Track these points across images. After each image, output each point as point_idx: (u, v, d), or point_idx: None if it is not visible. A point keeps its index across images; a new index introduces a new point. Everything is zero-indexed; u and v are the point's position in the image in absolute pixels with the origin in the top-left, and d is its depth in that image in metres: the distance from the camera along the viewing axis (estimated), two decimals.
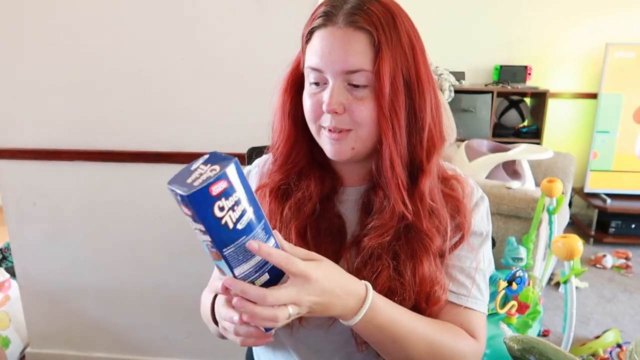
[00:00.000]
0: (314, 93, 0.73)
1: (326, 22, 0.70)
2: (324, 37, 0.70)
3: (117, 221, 1.87)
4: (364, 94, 0.70)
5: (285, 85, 0.80)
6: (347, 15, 0.69)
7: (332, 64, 0.70)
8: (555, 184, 2.14)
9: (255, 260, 0.59)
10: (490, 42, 3.69)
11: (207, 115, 1.72)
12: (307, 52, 0.74)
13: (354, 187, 0.82)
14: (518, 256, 1.99)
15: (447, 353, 0.72)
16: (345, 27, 0.69)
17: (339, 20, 0.69)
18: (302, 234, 0.78)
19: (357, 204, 0.80)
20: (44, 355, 2.05)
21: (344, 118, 0.71)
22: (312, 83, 0.73)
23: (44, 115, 1.76)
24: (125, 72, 1.70)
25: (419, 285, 0.73)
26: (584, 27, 3.59)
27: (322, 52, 0.70)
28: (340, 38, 0.69)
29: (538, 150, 2.76)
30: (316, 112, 0.74)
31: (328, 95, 0.71)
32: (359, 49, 0.69)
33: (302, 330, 0.81)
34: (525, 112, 3.70)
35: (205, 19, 1.63)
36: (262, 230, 0.59)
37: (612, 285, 2.88)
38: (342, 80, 0.70)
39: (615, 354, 2.16)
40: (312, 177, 0.80)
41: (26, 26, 1.68)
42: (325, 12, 0.71)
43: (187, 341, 1.96)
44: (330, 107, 0.70)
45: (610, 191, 3.53)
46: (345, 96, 0.71)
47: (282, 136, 0.81)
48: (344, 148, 0.73)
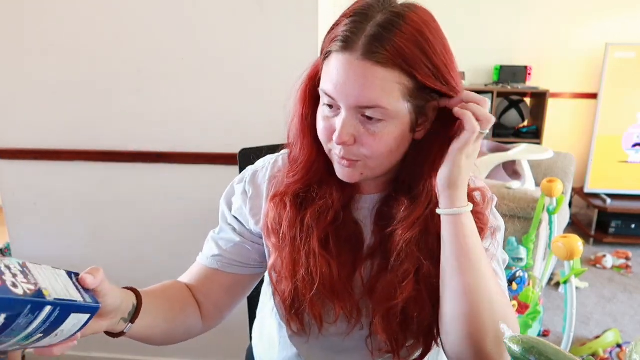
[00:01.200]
0: (327, 117, 0.71)
1: (344, 49, 0.65)
2: (340, 66, 0.65)
3: (117, 221, 1.87)
4: (376, 129, 0.67)
5: (302, 97, 0.77)
6: (367, 45, 0.63)
7: (345, 96, 0.66)
8: (555, 184, 2.14)
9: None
10: (490, 42, 3.69)
11: (207, 115, 1.72)
12: (323, 71, 0.70)
13: (369, 194, 0.80)
14: (518, 256, 1.99)
15: (506, 303, 0.72)
16: (363, 59, 0.63)
17: (357, 49, 0.63)
18: (324, 243, 0.76)
19: (371, 212, 0.79)
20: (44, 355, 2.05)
21: (353, 149, 0.69)
22: (325, 104, 0.71)
23: (44, 115, 1.76)
24: (125, 72, 1.70)
25: None
26: (584, 27, 3.59)
27: (337, 81, 0.66)
28: (357, 70, 0.64)
29: (538, 150, 2.76)
30: (327, 137, 0.71)
31: (339, 127, 0.67)
32: (376, 85, 0.64)
33: (321, 337, 0.81)
34: (525, 112, 3.70)
35: (205, 19, 1.63)
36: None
37: (612, 285, 2.88)
38: (356, 112, 0.67)
39: (615, 354, 2.16)
40: (334, 185, 0.77)
41: (26, 26, 1.68)
42: (344, 38, 0.65)
43: (187, 341, 1.96)
44: (341, 140, 0.68)
45: (610, 191, 3.53)
46: (357, 128, 0.67)
47: (302, 152, 0.78)
48: (353, 173, 0.72)
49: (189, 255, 2.07)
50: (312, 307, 0.77)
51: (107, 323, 0.69)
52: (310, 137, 0.76)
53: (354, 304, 0.77)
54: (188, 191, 1.78)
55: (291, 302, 0.78)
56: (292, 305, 0.79)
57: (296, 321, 0.80)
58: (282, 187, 0.80)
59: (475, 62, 3.71)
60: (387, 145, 0.68)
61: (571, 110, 3.79)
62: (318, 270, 0.74)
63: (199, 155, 1.75)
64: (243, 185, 0.86)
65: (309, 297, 0.76)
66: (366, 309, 0.79)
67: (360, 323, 0.79)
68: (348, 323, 0.79)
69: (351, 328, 0.79)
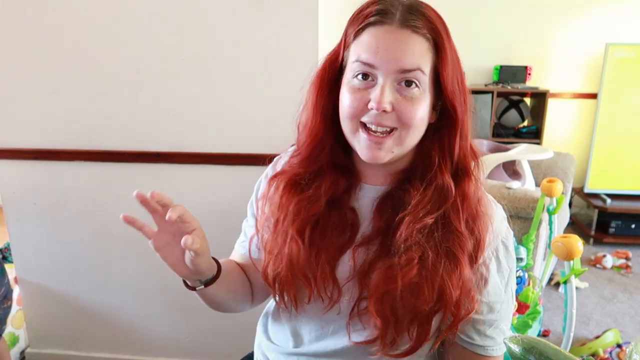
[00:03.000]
0: (359, 88, 0.72)
1: (383, 20, 0.70)
2: (381, 35, 0.70)
3: (117, 221, 1.86)
4: (413, 95, 0.71)
5: (318, 82, 0.79)
6: (405, 16, 0.70)
7: (387, 61, 0.69)
8: (555, 184, 2.14)
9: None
10: (490, 42, 3.69)
11: (207, 115, 1.72)
12: (354, 47, 0.73)
13: (374, 185, 0.82)
14: (518, 256, 1.99)
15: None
16: (403, 27, 0.69)
17: (396, 20, 0.70)
18: (301, 233, 0.79)
19: (373, 202, 0.80)
20: (44, 355, 2.05)
21: (389, 116, 0.71)
22: (357, 75, 0.72)
23: (44, 115, 1.76)
24: (125, 72, 1.70)
25: (459, 287, 0.73)
26: (584, 27, 3.59)
27: (378, 48, 0.70)
28: (398, 37, 0.69)
29: (538, 150, 2.76)
30: (358, 109, 0.72)
31: (378, 93, 0.70)
32: (416, 50, 0.69)
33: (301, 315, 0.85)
34: (525, 112, 3.70)
35: (205, 19, 1.63)
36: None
37: (612, 285, 2.88)
38: (393, 80, 0.70)
39: (615, 354, 2.16)
40: (327, 178, 0.80)
41: (26, 26, 1.68)
42: (381, 10, 0.71)
43: (187, 341, 1.96)
44: (381, 105, 0.70)
45: (610, 191, 3.53)
46: (395, 95, 0.71)
47: (310, 131, 0.81)
48: (383, 153, 0.73)
49: None
50: (288, 286, 0.81)
51: (188, 274, 0.78)
52: (320, 117, 0.79)
53: (333, 286, 0.79)
54: (188, 191, 1.78)
55: (273, 278, 0.82)
56: (274, 280, 0.82)
57: (277, 296, 0.84)
58: (284, 168, 0.85)
59: (475, 62, 3.71)
60: (422, 112, 0.72)
61: (571, 110, 3.79)
62: (287, 252, 0.78)
63: (199, 155, 1.75)
64: (267, 169, 0.93)
65: (282, 276, 0.80)
66: (351, 293, 0.79)
67: (338, 306, 0.80)
68: (323, 304, 0.80)
69: (326, 310, 0.80)
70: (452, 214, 0.74)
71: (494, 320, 0.78)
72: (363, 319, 0.78)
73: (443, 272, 0.72)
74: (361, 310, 0.77)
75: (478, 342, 0.79)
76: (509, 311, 0.81)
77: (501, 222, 0.81)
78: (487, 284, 0.77)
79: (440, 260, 0.72)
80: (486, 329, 0.78)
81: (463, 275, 0.73)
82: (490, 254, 0.77)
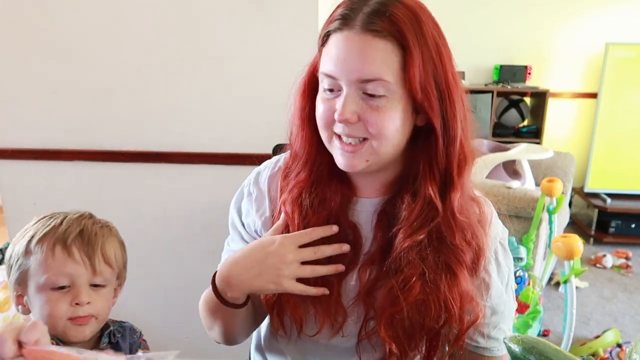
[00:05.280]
0: (327, 99, 0.69)
1: (343, 26, 0.66)
2: (340, 42, 0.66)
3: (117, 221, 1.85)
4: (379, 104, 0.66)
5: (302, 89, 0.76)
6: (365, 19, 0.64)
7: (347, 72, 0.65)
8: (555, 183, 2.14)
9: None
10: (490, 42, 3.69)
11: (207, 115, 1.72)
12: (322, 56, 0.70)
13: (369, 198, 0.78)
14: (518, 256, 1.99)
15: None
16: (363, 33, 0.64)
17: (356, 25, 0.64)
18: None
19: (372, 217, 0.77)
20: None
21: (358, 127, 0.67)
22: (326, 89, 0.69)
23: (44, 115, 1.76)
24: (125, 72, 1.70)
25: (460, 300, 0.71)
26: (584, 27, 3.59)
27: (337, 58, 0.66)
28: (357, 44, 0.64)
29: (538, 150, 2.76)
30: (328, 119, 0.70)
31: (341, 104, 0.66)
32: (377, 57, 0.64)
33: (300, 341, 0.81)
34: (525, 111, 3.70)
35: (205, 19, 1.63)
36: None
37: (612, 285, 2.88)
38: (357, 89, 0.66)
39: (615, 353, 2.16)
40: (327, 189, 0.76)
41: (26, 26, 1.67)
42: (343, 15, 0.66)
43: (187, 342, 1.96)
44: (342, 117, 0.66)
45: (610, 191, 3.53)
46: (360, 105, 0.66)
47: (303, 144, 0.77)
48: (357, 161, 0.69)
49: (189, 256, 2.08)
50: (294, 309, 0.76)
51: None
52: (309, 129, 0.75)
53: (339, 308, 0.76)
54: (188, 191, 1.78)
55: (274, 300, 0.78)
56: (275, 303, 0.79)
57: (276, 320, 0.80)
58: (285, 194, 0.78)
59: (475, 62, 3.71)
60: (392, 121, 0.67)
61: (571, 109, 3.79)
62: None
63: (199, 155, 1.75)
64: (248, 187, 0.88)
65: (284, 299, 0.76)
66: (357, 314, 0.76)
67: (342, 330, 0.77)
68: (331, 328, 0.77)
69: (333, 333, 0.77)
70: (444, 227, 0.71)
71: (498, 321, 0.78)
72: (372, 340, 0.75)
73: (444, 286, 0.70)
74: (369, 332, 0.75)
75: (483, 345, 0.79)
76: (510, 310, 0.80)
77: (495, 222, 0.79)
78: (490, 288, 0.76)
79: (440, 275, 0.70)
80: (490, 331, 0.78)
81: (463, 287, 0.71)
82: (490, 257, 0.77)
